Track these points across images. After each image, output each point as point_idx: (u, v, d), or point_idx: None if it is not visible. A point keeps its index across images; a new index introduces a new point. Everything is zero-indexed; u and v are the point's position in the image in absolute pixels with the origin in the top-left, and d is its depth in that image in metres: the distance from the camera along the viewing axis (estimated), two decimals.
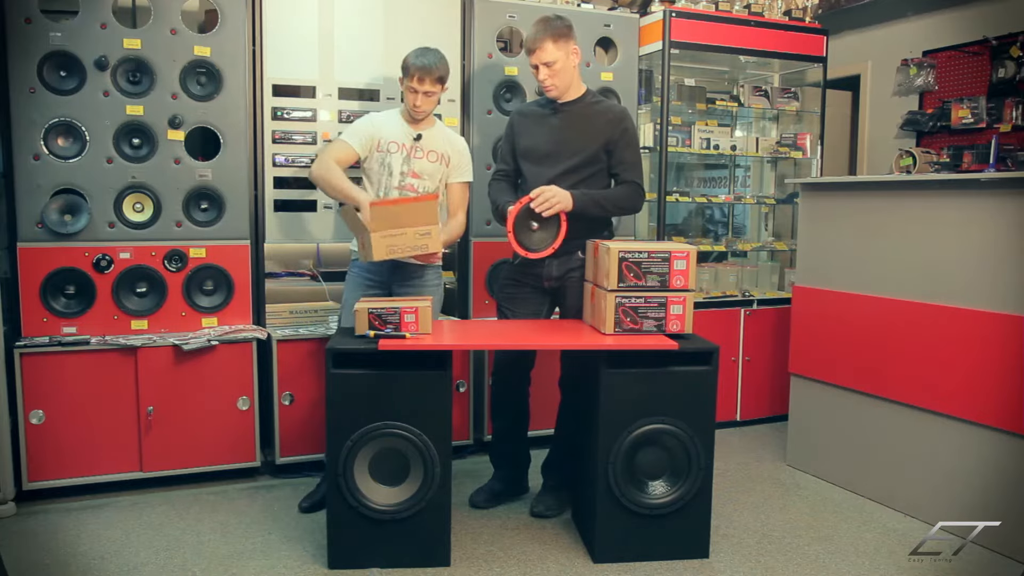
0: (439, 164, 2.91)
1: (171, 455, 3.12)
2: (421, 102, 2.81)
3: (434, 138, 2.92)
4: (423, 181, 2.90)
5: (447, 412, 2.50)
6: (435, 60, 2.79)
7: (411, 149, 2.88)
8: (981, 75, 4.58)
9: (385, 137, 2.86)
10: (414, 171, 2.88)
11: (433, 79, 2.78)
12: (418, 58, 2.78)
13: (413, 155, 2.88)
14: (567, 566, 2.56)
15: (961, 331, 2.79)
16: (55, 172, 2.97)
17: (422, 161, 2.89)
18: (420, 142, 2.88)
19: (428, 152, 2.89)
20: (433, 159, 2.90)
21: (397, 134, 2.88)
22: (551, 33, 2.70)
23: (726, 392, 4.09)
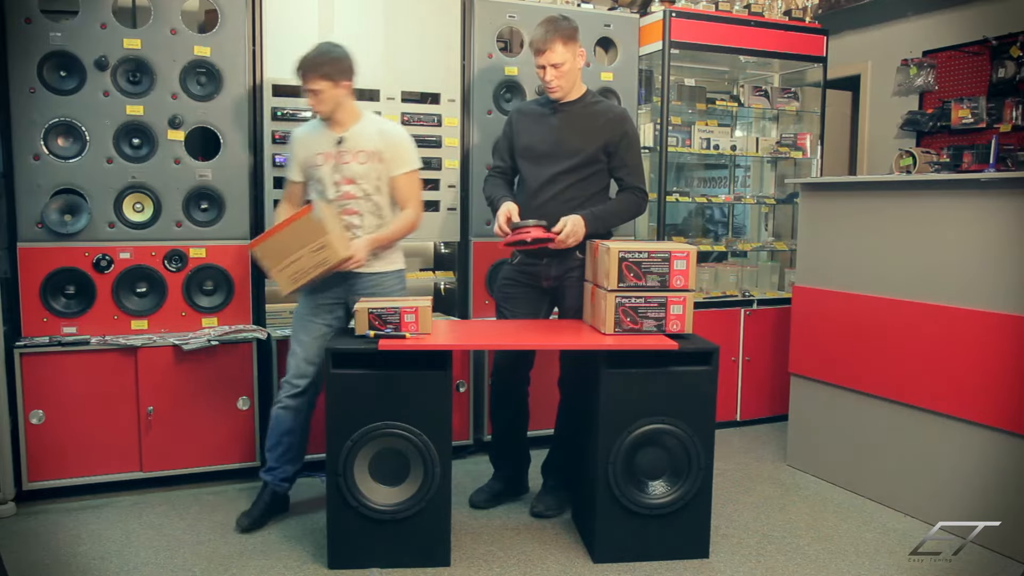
0: (371, 164, 2.73)
1: (171, 455, 3.12)
2: (312, 102, 2.67)
3: (361, 136, 2.73)
4: (359, 185, 2.73)
5: (447, 412, 2.50)
6: (319, 54, 2.63)
7: (337, 155, 2.71)
8: (981, 75, 4.58)
9: (310, 151, 2.74)
10: (346, 177, 2.72)
11: (316, 76, 2.61)
12: (307, 54, 2.63)
13: (340, 161, 2.71)
14: (567, 566, 2.56)
15: (961, 331, 2.79)
16: (55, 172, 2.97)
17: (351, 165, 2.71)
18: (344, 145, 2.71)
19: (356, 153, 2.72)
20: (363, 159, 2.72)
21: (320, 144, 2.73)
22: (561, 35, 2.69)
23: (726, 392, 4.09)
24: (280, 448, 2.84)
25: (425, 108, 3.48)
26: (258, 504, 2.84)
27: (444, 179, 3.51)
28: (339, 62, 2.66)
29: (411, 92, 3.47)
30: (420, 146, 3.43)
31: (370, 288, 2.79)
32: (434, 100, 3.50)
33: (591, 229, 2.72)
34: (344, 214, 2.75)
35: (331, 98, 2.67)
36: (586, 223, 2.70)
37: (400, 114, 3.42)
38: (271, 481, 2.86)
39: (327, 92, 2.65)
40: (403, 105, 3.43)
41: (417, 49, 3.43)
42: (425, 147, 3.46)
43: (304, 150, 2.77)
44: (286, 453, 2.84)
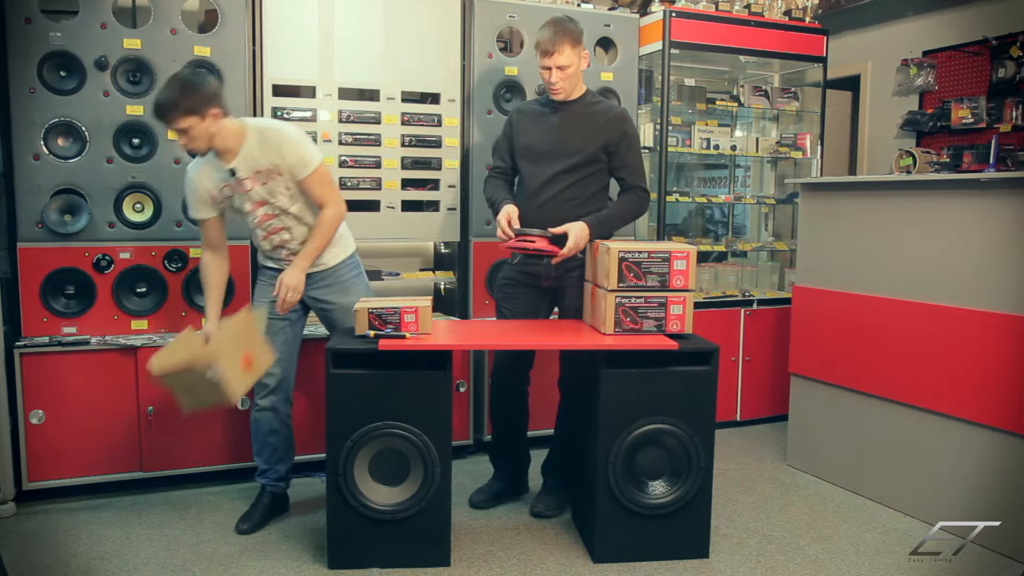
0: (273, 180, 2.59)
1: (171, 455, 3.12)
2: (185, 143, 2.50)
3: (248, 159, 2.56)
4: (273, 205, 2.63)
5: (447, 412, 2.50)
6: (169, 90, 2.43)
7: (237, 185, 2.59)
8: (981, 75, 4.58)
9: (212, 188, 2.61)
10: (256, 202, 2.62)
11: (178, 115, 2.41)
12: (156, 96, 2.46)
13: (243, 190, 2.60)
14: (567, 566, 2.56)
15: (961, 331, 2.79)
16: (55, 172, 2.96)
17: (255, 190, 2.60)
18: (239, 174, 2.57)
19: (254, 176, 2.58)
20: (263, 180, 2.59)
21: (217, 179, 2.60)
22: (570, 38, 2.68)
23: (726, 392, 4.09)
24: (267, 450, 2.84)
25: (425, 108, 3.48)
26: (257, 507, 2.84)
27: (444, 179, 3.51)
28: (198, 91, 2.43)
29: (411, 92, 3.47)
30: (420, 146, 3.46)
31: (325, 283, 2.77)
32: (434, 100, 3.50)
33: (595, 234, 2.72)
34: (272, 234, 2.70)
35: (203, 133, 2.46)
36: (590, 229, 2.70)
37: (400, 114, 3.42)
38: (267, 484, 2.86)
39: (197, 128, 2.44)
40: (403, 105, 3.43)
41: (417, 49, 3.42)
42: (425, 147, 3.46)
43: (207, 187, 2.62)
44: (274, 453, 2.84)
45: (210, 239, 2.72)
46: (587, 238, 2.70)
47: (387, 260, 3.71)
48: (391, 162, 3.42)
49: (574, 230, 2.66)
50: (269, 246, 2.75)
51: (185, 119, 2.41)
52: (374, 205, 3.42)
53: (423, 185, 3.51)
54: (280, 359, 2.77)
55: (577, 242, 2.66)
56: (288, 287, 2.63)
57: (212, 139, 2.50)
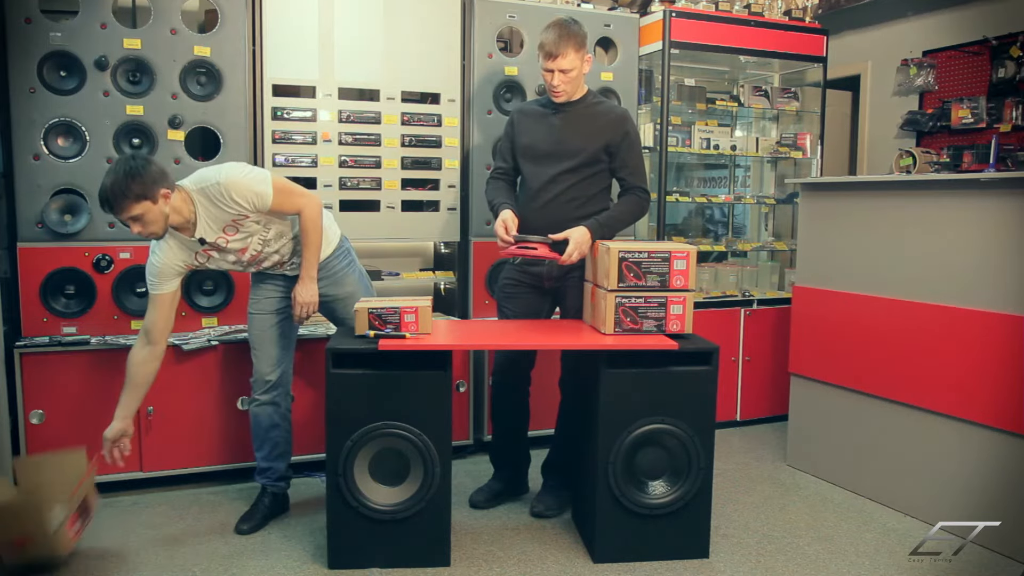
0: (244, 226, 2.53)
1: (171, 455, 3.12)
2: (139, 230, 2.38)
3: (210, 221, 2.49)
4: (252, 241, 2.58)
5: (447, 412, 2.50)
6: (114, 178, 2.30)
7: (212, 248, 2.55)
8: (981, 75, 4.59)
9: (186, 260, 2.55)
10: (238, 250, 2.59)
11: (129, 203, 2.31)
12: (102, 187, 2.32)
13: (218, 249, 2.56)
14: (567, 566, 2.56)
15: (961, 331, 2.79)
16: (55, 172, 2.97)
17: (232, 241, 2.55)
18: (208, 242, 2.52)
19: (226, 231, 2.52)
20: (232, 232, 2.53)
21: (190, 252, 2.54)
22: (574, 42, 2.67)
23: (726, 392, 4.09)
24: (268, 445, 2.84)
25: (425, 108, 3.48)
26: (258, 508, 2.84)
27: (444, 179, 3.51)
28: (145, 175, 2.32)
29: (411, 92, 3.47)
30: (420, 146, 3.46)
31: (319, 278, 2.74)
32: (434, 100, 3.50)
33: (597, 237, 2.71)
34: (264, 263, 2.69)
35: (157, 216, 2.36)
36: (592, 233, 2.69)
37: (400, 114, 3.42)
38: (268, 483, 2.86)
39: (150, 212, 2.34)
40: (403, 105, 3.43)
41: (417, 49, 3.42)
42: (425, 147, 3.46)
43: (180, 261, 2.54)
44: (275, 448, 2.84)
45: (152, 321, 2.54)
46: (589, 242, 2.69)
47: (387, 260, 3.71)
48: (391, 162, 3.42)
49: (575, 235, 2.65)
50: (260, 270, 2.76)
51: (137, 205, 2.31)
52: (374, 205, 3.42)
53: (423, 185, 3.51)
54: (278, 356, 2.78)
55: (579, 246, 2.65)
56: (304, 304, 2.65)
57: (166, 219, 2.40)
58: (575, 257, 2.65)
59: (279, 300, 2.79)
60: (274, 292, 2.79)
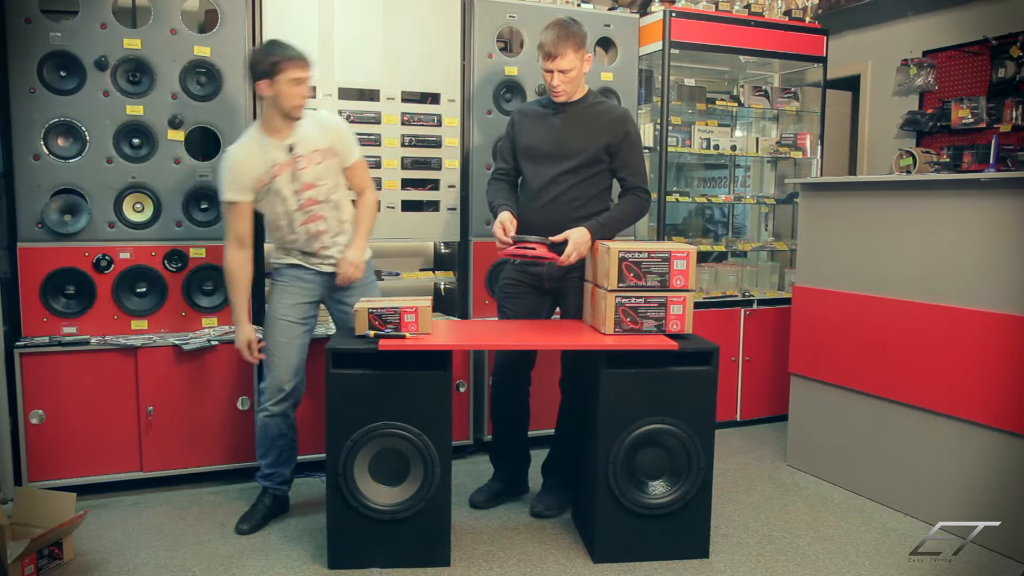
0: (327, 161, 2.70)
1: (171, 455, 3.12)
2: (308, 93, 2.61)
3: (307, 136, 2.66)
4: (322, 187, 2.70)
5: (447, 412, 2.50)
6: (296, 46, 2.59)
7: (292, 163, 2.63)
8: (981, 75, 4.59)
9: (260, 169, 2.62)
10: (307, 183, 2.67)
11: (310, 64, 2.61)
12: (286, 49, 2.57)
13: (297, 168, 2.64)
14: (567, 566, 2.56)
15: (961, 331, 2.79)
16: (55, 172, 2.97)
17: (308, 169, 2.66)
18: (296, 150, 2.64)
19: (311, 155, 2.66)
20: (318, 159, 2.67)
21: (270, 156, 2.62)
22: (574, 42, 2.67)
23: (726, 392, 4.09)
24: (274, 453, 2.83)
25: (425, 108, 3.48)
26: (258, 508, 2.84)
27: (444, 179, 3.51)
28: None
29: (411, 92, 3.47)
30: (420, 146, 3.46)
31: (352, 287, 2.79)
32: (434, 100, 3.50)
33: (597, 237, 2.71)
34: (309, 223, 2.72)
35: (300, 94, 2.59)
36: (592, 234, 2.69)
37: (400, 114, 3.42)
38: (270, 486, 2.86)
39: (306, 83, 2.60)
40: (403, 105, 3.43)
41: (417, 49, 3.42)
42: (425, 147, 3.46)
43: (254, 169, 2.62)
44: (280, 455, 2.84)
45: (238, 230, 2.67)
46: (588, 243, 2.68)
47: (387, 260, 3.71)
48: (391, 162, 3.42)
49: (574, 236, 2.65)
50: (305, 235, 2.75)
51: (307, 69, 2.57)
52: None
53: (423, 185, 3.51)
54: (297, 367, 2.79)
55: (578, 247, 2.65)
56: (352, 264, 2.74)
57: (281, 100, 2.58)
58: (574, 258, 2.65)
59: (309, 307, 2.81)
60: (303, 297, 2.79)
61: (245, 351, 2.73)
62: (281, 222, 2.73)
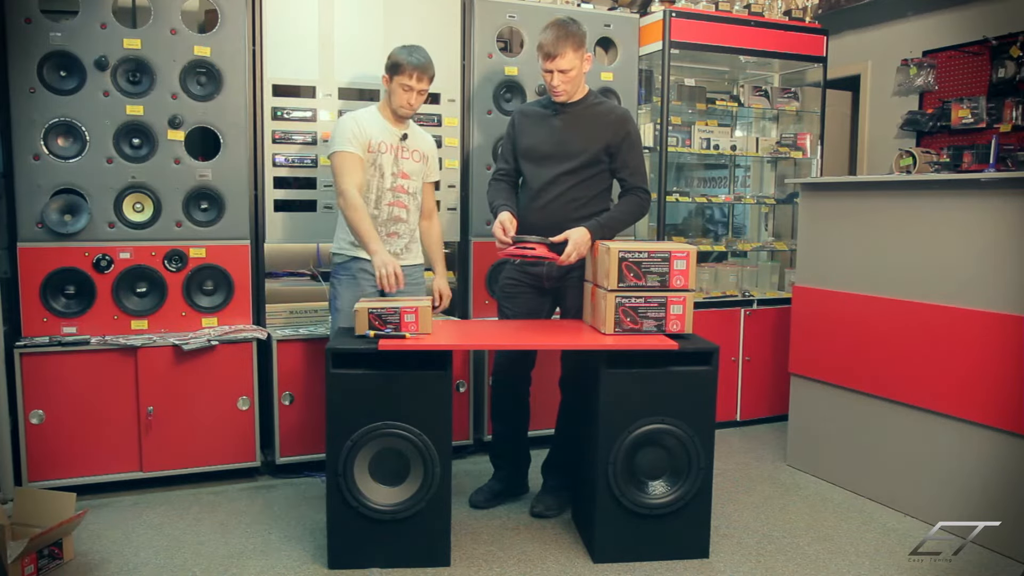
0: (422, 164, 2.96)
1: (171, 455, 3.12)
2: (415, 101, 2.83)
3: (415, 137, 2.95)
4: (411, 181, 2.91)
5: (447, 412, 2.50)
6: (428, 58, 2.81)
7: (399, 149, 2.88)
8: (981, 75, 4.58)
9: (375, 137, 2.83)
10: (403, 171, 2.89)
11: (430, 77, 2.81)
12: (412, 55, 2.77)
13: (401, 155, 2.88)
14: (567, 566, 2.56)
15: (961, 331, 2.79)
16: (55, 172, 2.97)
17: (408, 161, 2.90)
18: (406, 142, 2.89)
19: (413, 151, 2.92)
20: (417, 159, 2.93)
21: (384, 134, 2.85)
22: (573, 42, 2.67)
23: (726, 392, 4.09)
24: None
25: (425, 108, 3.48)
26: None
27: (444, 179, 3.51)
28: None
29: None
30: None
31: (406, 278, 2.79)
32: (434, 100, 3.50)
33: (596, 237, 2.71)
34: (394, 205, 2.88)
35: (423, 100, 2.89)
36: (592, 234, 2.69)
37: None
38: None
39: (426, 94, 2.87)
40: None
41: None
42: None
43: (371, 134, 2.82)
44: None
45: (358, 177, 2.77)
46: (588, 243, 2.68)
47: None
48: None
49: (574, 236, 2.65)
50: (387, 214, 2.88)
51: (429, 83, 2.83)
52: None
53: None
54: None
55: (577, 247, 2.65)
56: (448, 296, 3.05)
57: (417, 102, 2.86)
58: (573, 258, 2.65)
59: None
60: (370, 289, 2.81)
61: (392, 279, 2.61)
62: (371, 194, 2.85)
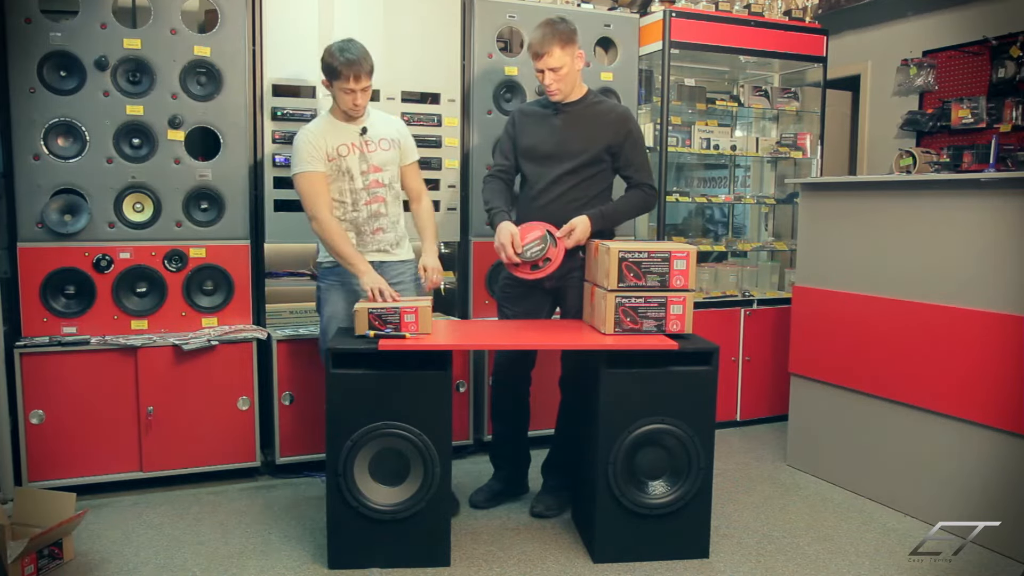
0: (393, 151, 2.86)
1: (171, 455, 3.12)
2: (362, 100, 2.73)
3: (378, 126, 2.85)
4: (384, 173, 2.84)
5: (447, 412, 2.50)
6: (362, 52, 2.69)
7: (362, 145, 2.80)
8: (981, 75, 4.58)
9: (331, 144, 2.75)
10: (374, 165, 2.81)
11: (368, 73, 2.70)
12: (343, 55, 2.65)
13: (367, 150, 2.80)
14: (567, 566, 2.56)
15: (961, 331, 2.79)
16: (55, 172, 2.97)
17: (377, 153, 2.82)
18: (368, 135, 2.81)
19: (380, 141, 2.83)
20: (387, 147, 2.84)
21: (342, 136, 2.77)
22: (559, 39, 2.67)
23: (726, 392, 4.09)
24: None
25: (425, 108, 3.48)
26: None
27: (444, 179, 3.51)
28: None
29: (411, 92, 3.47)
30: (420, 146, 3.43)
31: (397, 278, 2.84)
32: (434, 100, 3.50)
33: (597, 227, 2.72)
34: (372, 202, 2.83)
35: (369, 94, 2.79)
36: (592, 223, 2.71)
37: (400, 114, 3.40)
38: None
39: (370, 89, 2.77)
40: (403, 105, 3.43)
41: (417, 49, 3.42)
42: (425, 147, 3.45)
43: (327, 142, 2.75)
44: None
45: (321, 195, 2.75)
46: (588, 231, 2.71)
47: None
48: None
49: (578, 224, 2.69)
50: (367, 213, 2.84)
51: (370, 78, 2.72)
52: None
53: None
54: None
55: (581, 235, 2.69)
56: (435, 270, 2.83)
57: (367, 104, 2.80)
58: (571, 243, 2.70)
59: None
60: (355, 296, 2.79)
61: (379, 296, 2.63)
62: (347, 199, 2.81)
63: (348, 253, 2.72)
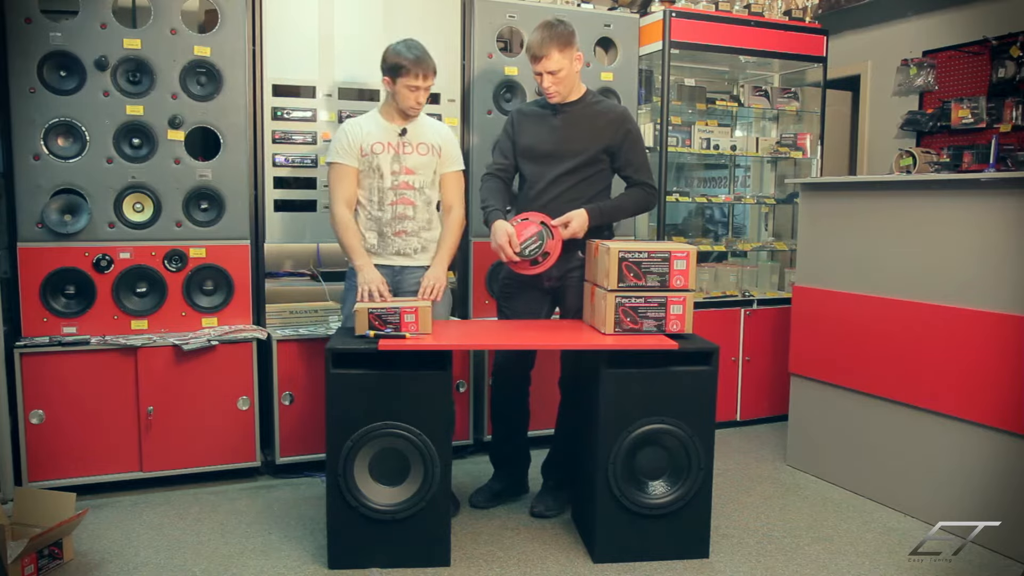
0: (431, 156, 2.86)
1: (171, 455, 3.12)
2: (423, 98, 2.78)
3: (421, 130, 2.86)
4: (417, 176, 2.84)
5: (447, 412, 2.50)
6: (425, 49, 2.75)
7: (398, 146, 2.81)
8: (981, 75, 4.58)
9: (367, 141, 2.79)
10: (406, 167, 2.82)
11: (434, 71, 2.75)
12: (411, 52, 2.70)
13: (402, 151, 2.82)
14: (567, 566, 2.56)
15: (961, 331, 2.79)
16: (55, 172, 2.97)
17: (412, 156, 2.83)
18: (406, 136, 2.82)
19: (418, 145, 2.84)
20: (424, 151, 2.85)
21: (379, 134, 2.80)
22: (558, 42, 2.67)
23: (726, 392, 4.09)
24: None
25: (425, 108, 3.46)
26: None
27: None
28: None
29: None
30: None
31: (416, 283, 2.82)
32: (434, 100, 3.50)
33: (595, 222, 2.73)
34: (398, 203, 2.82)
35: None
36: (590, 217, 2.71)
37: None
38: None
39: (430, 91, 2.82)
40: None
41: None
42: None
43: (362, 139, 2.79)
44: None
45: (345, 192, 2.79)
46: (586, 225, 2.71)
47: None
48: None
49: (575, 216, 2.70)
50: (391, 213, 2.82)
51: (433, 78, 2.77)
52: None
53: None
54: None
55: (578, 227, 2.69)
56: (435, 278, 2.79)
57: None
58: (567, 234, 2.70)
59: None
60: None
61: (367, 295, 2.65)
62: (373, 197, 2.82)
63: (350, 246, 2.75)
